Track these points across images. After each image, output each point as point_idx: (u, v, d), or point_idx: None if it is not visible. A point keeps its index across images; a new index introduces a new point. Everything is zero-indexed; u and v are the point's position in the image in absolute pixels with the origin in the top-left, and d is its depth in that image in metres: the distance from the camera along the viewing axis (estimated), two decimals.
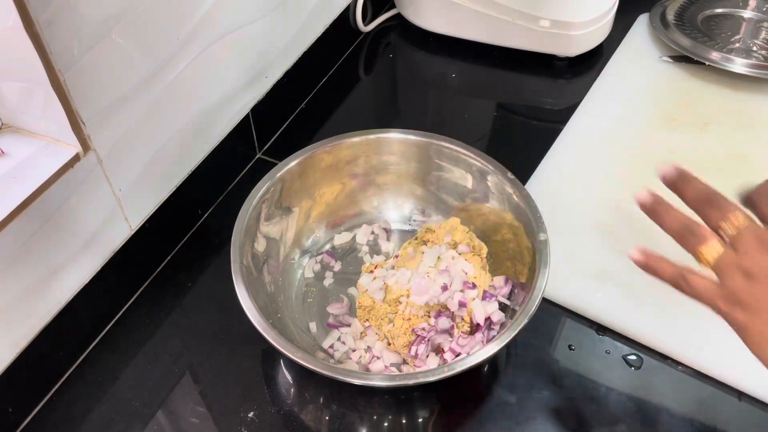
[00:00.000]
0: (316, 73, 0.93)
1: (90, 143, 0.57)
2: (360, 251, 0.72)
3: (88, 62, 0.53)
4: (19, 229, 0.53)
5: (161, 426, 0.60)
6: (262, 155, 0.84)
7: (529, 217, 0.62)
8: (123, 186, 0.63)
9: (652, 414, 0.60)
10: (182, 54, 0.64)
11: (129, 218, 0.65)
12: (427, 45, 0.99)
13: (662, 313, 0.65)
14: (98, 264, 0.64)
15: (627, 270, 0.69)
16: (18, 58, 0.49)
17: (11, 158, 0.54)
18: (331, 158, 0.69)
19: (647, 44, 0.96)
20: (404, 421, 0.61)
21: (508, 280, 0.64)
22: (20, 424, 0.60)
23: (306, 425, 0.60)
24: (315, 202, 0.71)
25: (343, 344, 0.64)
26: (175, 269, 0.72)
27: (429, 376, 0.53)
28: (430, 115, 0.91)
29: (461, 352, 0.59)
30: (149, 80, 0.61)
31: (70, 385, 0.63)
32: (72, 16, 0.50)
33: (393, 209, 0.74)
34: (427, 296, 0.60)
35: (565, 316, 0.67)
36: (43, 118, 0.54)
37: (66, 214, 0.58)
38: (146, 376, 0.64)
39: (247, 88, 0.77)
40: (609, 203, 0.76)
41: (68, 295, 0.61)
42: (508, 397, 0.61)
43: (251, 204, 0.64)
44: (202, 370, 0.64)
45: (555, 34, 0.90)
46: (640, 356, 0.64)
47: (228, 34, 0.70)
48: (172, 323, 0.68)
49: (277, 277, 0.66)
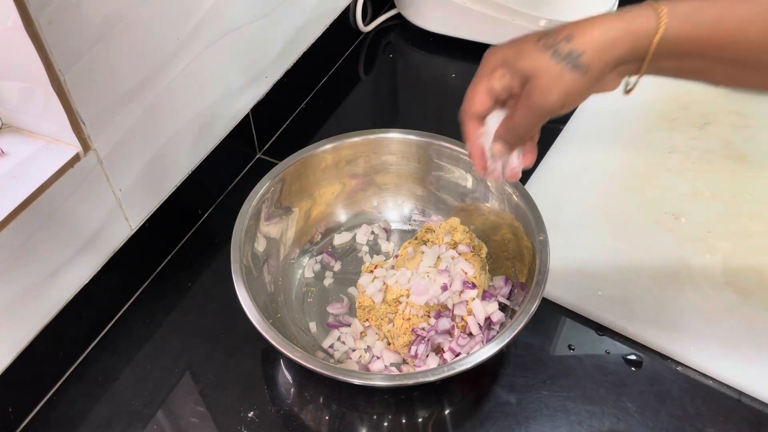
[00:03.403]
0: (317, 73, 0.93)
1: (90, 143, 0.57)
2: (360, 251, 0.72)
3: (88, 62, 0.53)
4: (20, 229, 0.53)
5: (161, 426, 0.60)
6: (262, 155, 0.84)
7: (528, 217, 0.62)
8: (123, 186, 0.63)
9: (652, 414, 0.60)
10: (182, 54, 0.64)
11: (129, 218, 0.65)
12: (427, 45, 0.99)
13: (662, 313, 0.65)
14: (98, 264, 0.64)
15: (627, 270, 0.70)
16: (18, 58, 0.49)
17: (11, 158, 0.55)
18: (331, 158, 0.69)
19: None
20: (404, 421, 0.61)
21: (508, 280, 0.64)
22: (20, 424, 0.60)
23: (306, 425, 0.60)
24: (315, 202, 0.71)
25: (343, 344, 0.64)
26: (175, 269, 0.72)
27: (429, 376, 0.53)
28: (430, 115, 0.91)
29: (461, 352, 0.59)
30: (149, 80, 0.61)
31: (70, 385, 0.63)
32: (72, 16, 0.50)
33: (393, 209, 0.74)
34: (426, 296, 0.60)
35: (564, 316, 0.67)
36: (43, 118, 0.54)
37: (66, 213, 0.58)
38: (146, 376, 0.64)
39: (247, 88, 0.78)
40: (608, 203, 0.76)
41: (68, 295, 0.61)
42: (508, 397, 0.61)
43: (251, 204, 0.64)
44: (202, 369, 0.64)
45: None
46: (639, 356, 0.64)
47: (228, 34, 0.70)
48: (172, 323, 0.68)
49: (277, 276, 0.66)
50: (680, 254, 0.70)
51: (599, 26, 0.45)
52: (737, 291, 0.67)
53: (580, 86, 0.46)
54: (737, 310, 0.65)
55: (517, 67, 0.47)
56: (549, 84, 0.46)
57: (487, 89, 0.49)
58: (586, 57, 0.45)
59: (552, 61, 0.45)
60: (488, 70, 0.49)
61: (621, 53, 0.45)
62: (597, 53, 0.45)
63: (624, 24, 0.45)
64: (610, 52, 0.45)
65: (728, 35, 0.44)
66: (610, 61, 0.45)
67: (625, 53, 0.45)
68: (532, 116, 0.48)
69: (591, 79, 0.46)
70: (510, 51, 0.48)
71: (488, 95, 0.49)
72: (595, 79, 0.46)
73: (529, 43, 0.47)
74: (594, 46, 0.45)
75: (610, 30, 0.45)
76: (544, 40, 0.46)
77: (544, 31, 0.47)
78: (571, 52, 0.45)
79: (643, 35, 0.45)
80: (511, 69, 0.47)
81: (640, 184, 0.78)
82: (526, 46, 0.47)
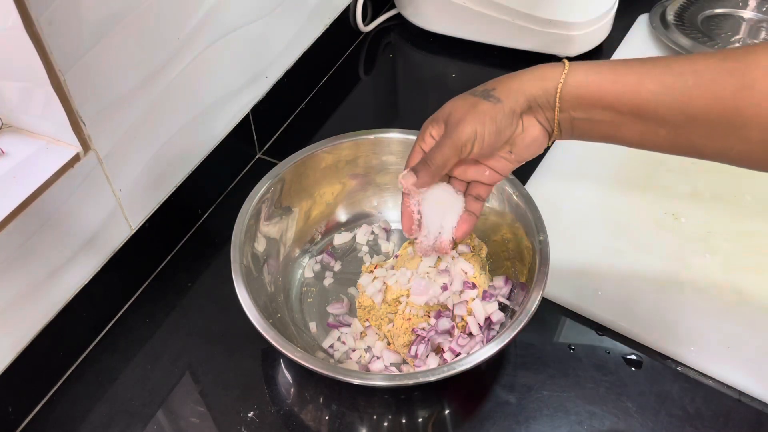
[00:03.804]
0: (317, 73, 0.93)
1: (90, 143, 0.57)
2: (360, 251, 0.72)
3: (88, 62, 0.53)
4: (19, 229, 0.53)
5: (161, 426, 0.60)
6: (262, 155, 0.84)
7: (528, 217, 0.62)
8: (123, 186, 0.63)
9: (652, 414, 0.60)
10: (182, 53, 0.64)
11: (129, 218, 0.65)
12: (427, 45, 0.99)
13: (662, 313, 0.65)
14: (98, 264, 0.64)
15: (627, 270, 0.70)
16: (18, 58, 0.49)
17: (11, 158, 0.55)
18: (331, 158, 0.69)
19: (647, 44, 0.96)
20: (404, 421, 0.61)
21: (507, 280, 0.64)
22: (20, 424, 0.60)
23: (306, 425, 0.60)
24: (315, 202, 0.71)
25: (343, 344, 0.64)
26: (175, 269, 0.72)
27: (429, 376, 0.53)
28: (430, 115, 0.91)
29: (461, 352, 0.59)
30: (149, 80, 0.61)
31: (70, 385, 0.63)
32: (72, 16, 0.50)
33: (393, 209, 0.74)
34: (426, 296, 0.60)
35: (564, 316, 0.67)
36: (43, 118, 0.54)
37: (66, 214, 0.58)
38: (146, 376, 0.64)
39: (247, 88, 0.78)
40: (609, 203, 0.76)
41: (68, 295, 0.61)
42: (508, 397, 0.61)
43: (251, 204, 0.64)
44: (202, 369, 0.64)
45: (555, 34, 0.90)
46: (639, 356, 0.64)
47: (228, 34, 0.70)
48: (172, 323, 0.68)
49: (277, 277, 0.66)
50: (680, 254, 0.70)
51: (516, 77, 0.51)
52: (737, 291, 0.67)
53: (492, 114, 0.50)
54: (737, 310, 0.65)
55: (440, 114, 0.53)
56: (463, 112, 0.51)
57: (421, 149, 0.54)
58: (498, 91, 0.51)
59: (468, 95, 0.52)
60: (422, 134, 0.54)
61: (531, 92, 0.50)
62: (510, 90, 0.51)
63: (537, 73, 0.51)
64: (521, 91, 0.50)
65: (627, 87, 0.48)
66: (519, 98, 0.50)
67: (535, 93, 0.50)
68: (448, 145, 0.51)
69: (503, 110, 0.50)
70: (448, 107, 0.53)
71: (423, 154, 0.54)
72: (508, 111, 0.50)
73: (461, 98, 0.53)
74: (507, 86, 0.51)
75: (524, 79, 0.51)
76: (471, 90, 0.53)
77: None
78: (486, 89, 0.52)
79: (551, 79, 0.50)
80: (437, 120, 0.53)
81: (640, 184, 0.78)
82: (449, 101, 0.53)
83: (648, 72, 0.47)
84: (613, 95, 0.48)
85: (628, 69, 0.48)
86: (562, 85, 0.49)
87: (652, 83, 0.47)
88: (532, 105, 0.51)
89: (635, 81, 0.47)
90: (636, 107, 0.48)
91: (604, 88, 0.48)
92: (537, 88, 0.50)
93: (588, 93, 0.49)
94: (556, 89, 0.49)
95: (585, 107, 0.49)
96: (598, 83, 0.48)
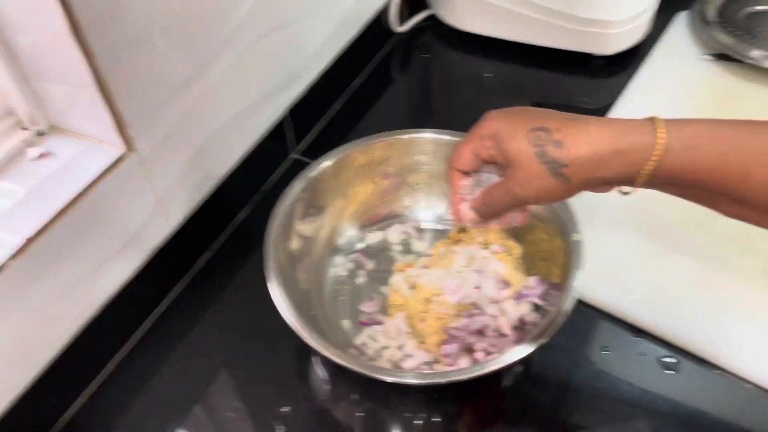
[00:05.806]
0: (351, 74, 0.94)
1: (133, 144, 0.58)
2: (392, 250, 0.72)
3: (132, 64, 0.55)
4: (66, 228, 0.55)
5: (198, 419, 0.62)
6: (297, 155, 0.86)
7: (562, 218, 0.62)
8: (164, 185, 0.65)
9: (689, 418, 0.59)
10: (222, 55, 0.65)
11: (169, 217, 0.67)
12: (461, 45, 0.98)
13: (700, 315, 0.64)
14: (139, 261, 0.65)
15: (664, 271, 0.69)
16: (64, 61, 0.51)
17: (58, 159, 0.56)
18: (364, 158, 0.70)
19: (686, 42, 0.94)
20: (435, 420, 0.61)
21: (541, 281, 0.63)
22: (63, 414, 0.62)
23: (338, 421, 0.61)
24: (348, 202, 0.72)
25: (375, 342, 0.64)
26: (213, 267, 0.74)
27: (461, 375, 0.53)
28: (464, 116, 0.90)
29: (493, 352, 0.59)
30: (190, 82, 0.62)
31: (113, 378, 0.65)
32: (116, 19, 0.52)
33: (425, 209, 0.74)
34: (459, 296, 0.61)
35: (599, 317, 0.66)
36: (88, 120, 0.56)
37: (109, 212, 0.59)
38: (184, 371, 0.65)
39: (284, 89, 0.79)
40: (645, 203, 0.75)
41: (110, 292, 0.63)
42: (540, 398, 0.61)
43: (286, 203, 0.65)
44: (238, 365, 0.65)
45: (592, 33, 0.89)
46: (676, 359, 0.63)
47: (270, 34, 0.71)
48: (210, 319, 0.69)
49: (310, 275, 0.67)
50: (718, 255, 0.69)
51: (590, 140, 0.44)
52: None
53: (558, 192, 0.47)
54: None
55: (503, 148, 0.48)
56: (528, 179, 0.47)
57: (475, 152, 0.51)
58: (569, 170, 0.45)
59: (536, 159, 0.46)
60: (479, 136, 0.50)
61: (606, 175, 0.45)
62: (581, 170, 0.45)
63: (615, 144, 0.43)
64: (595, 173, 0.45)
65: (735, 174, 0.41)
66: (592, 180, 0.45)
67: (611, 176, 0.45)
68: (508, 199, 0.50)
69: (569, 189, 0.46)
70: (503, 128, 0.48)
71: (475, 157, 0.51)
72: (575, 189, 0.47)
73: (521, 129, 0.47)
74: (579, 162, 0.45)
75: (600, 149, 0.44)
76: (535, 133, 0.46)
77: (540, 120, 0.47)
78: (556, 161, 0.45)
79: (635, 162, 0.43)
80: (499, 147, 0.48)
81: None
82: (518, 132, 0.47)
83: (760, 153, 0.40)
84: (715, 180, 0.42)
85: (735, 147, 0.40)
86: (652, 171, 0.43)
87: (763, 172, 0.40)
88: (604, 183, 0.46)
89: (743, 167, 0.40)
90: (741, 195, 0.42)
91: (703, 174, 0.42)
92: (613, 171, 0.44)
93: (682, 176, 0.43)
94: (641, 172, 0.43)
95: (676, 186, 0.45)
96: (696, 166, 0.42)
